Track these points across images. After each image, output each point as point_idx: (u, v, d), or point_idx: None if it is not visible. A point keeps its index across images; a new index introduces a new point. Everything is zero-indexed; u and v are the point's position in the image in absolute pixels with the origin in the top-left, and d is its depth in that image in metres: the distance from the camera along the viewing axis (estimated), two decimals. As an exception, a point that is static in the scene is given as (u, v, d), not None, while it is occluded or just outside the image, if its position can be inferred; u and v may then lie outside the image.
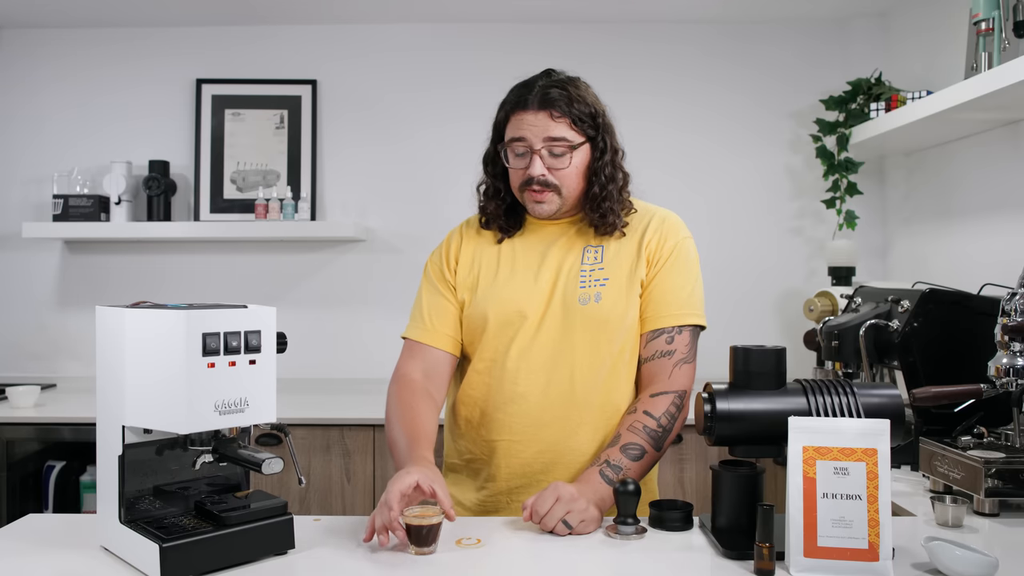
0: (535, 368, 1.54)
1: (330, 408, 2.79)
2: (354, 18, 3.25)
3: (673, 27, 3.28)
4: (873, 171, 3.18)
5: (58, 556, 1.27)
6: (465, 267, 1.63)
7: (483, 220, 1.66)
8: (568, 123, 1.53)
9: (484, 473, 1.59)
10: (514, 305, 1.55)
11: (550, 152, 1.53)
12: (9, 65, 3.32)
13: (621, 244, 1.59)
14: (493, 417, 1.56)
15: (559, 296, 1.55)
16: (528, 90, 1.54)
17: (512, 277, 1.59)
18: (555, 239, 1.62)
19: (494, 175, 1.62)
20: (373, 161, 3.30)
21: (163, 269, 3.30)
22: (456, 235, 1.69)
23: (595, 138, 1.57)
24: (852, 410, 1.29)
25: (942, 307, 1.90)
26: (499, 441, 1.56)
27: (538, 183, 1.54)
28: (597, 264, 1.57)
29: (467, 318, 1.61)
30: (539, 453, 1.55)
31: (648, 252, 1.58)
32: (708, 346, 3.11)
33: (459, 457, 1.64)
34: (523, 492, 1.55)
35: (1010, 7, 2.10)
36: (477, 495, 1.60)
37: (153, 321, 1.18)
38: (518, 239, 1.64)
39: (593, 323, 1.54)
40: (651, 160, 3.25)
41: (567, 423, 1.54)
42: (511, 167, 1.57)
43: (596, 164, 1.57)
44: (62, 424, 2.68)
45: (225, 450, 1.25)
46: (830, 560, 1.16)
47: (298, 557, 1.26)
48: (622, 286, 1.56)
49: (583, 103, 1.55)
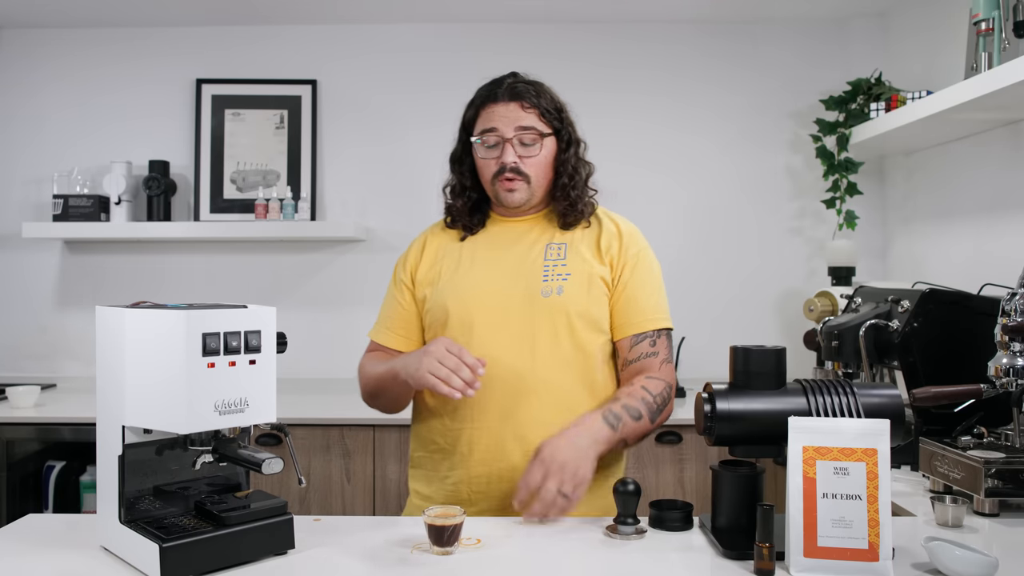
0: (499, 357, 1.56)
1: (330, 408, 2.79)
2: (354, 18, 3.25)
3: (672, 27, 3.28)
4: (873, 171, 3.18)
5: (58, 556, 1.27)
6: (428, 263, 1.69)
7: (448, 220, 1.72)
8: (537, 114, 1.62)
9: (449, 462, 1.61)
10: (474, 296, 1.59)
11: (521, 141, 1.60)
12: (9, 65, 3.32)
13: (583, 243, 1.64)
14: (457, 407, 1.59)
15: (521, 288, 1.59)
16: (497, 85, 1.64)
17: (472, 270, 1.63)
18: (519, 236, 1.66)
19: (461, 172, 1.69)
20: (373, 161, 3.30)
21: (163, 269, 3.30)
22: (420, 238, 1.76)
23: (560, 131, 1.65)
24: (852, 410, 1.29)
25: (942, 307, 1.90)
26: (463, 429, 1.59)
27: (510, 171, 1.60)
28: (560, 260, 1.62)
29: (429, 312, 1.65)
30: (501, 441, 1.56)
31: (610, 256, 1.63)
32: (708, 346, 3.15)
33: (424, 449, 1.66)
34: (484, 481, 1.58)
35: (1010, 7, 2.10)
36: (443, 485, 1.62)
37: (153, 321, 1.18)
38: (481, 236, 1.69)
39: (556, 314, 1.57)
40: (650, 160, 3.26)
41: (527, 411, 1.56)
42: (482, 158, 1.63)
43: (563, 156, 1.65)
44: (62, 424, 2.68)
45: (225, 450, 1.25)
46: (830, 560, 1.16)
47: (298, 557, 1.26)
48: (584, 282, 1.60)
49: (548, 98, 1.65)
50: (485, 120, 1.63)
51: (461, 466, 1.59)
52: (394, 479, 2.67)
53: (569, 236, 1.65)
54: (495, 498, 1.57)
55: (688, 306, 3.24)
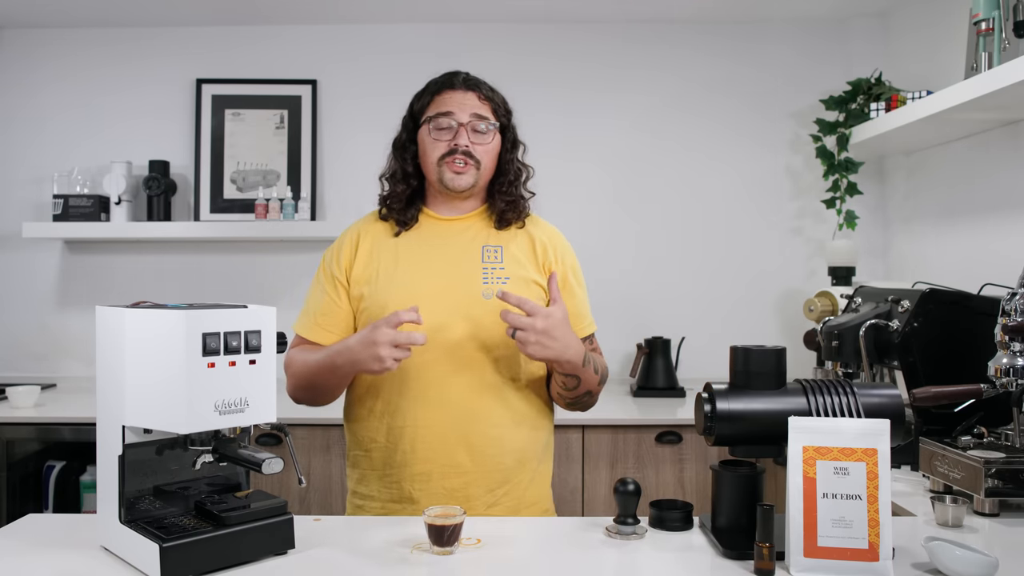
0: (439, 357, 1.57)
1: (330, 408, 2.76)
2: (354, 18, 3.25)
3: (672, 27, 3.28)
4: (873, 171, 3.18)
5: (58, 556, 1.27)
6: (363, 261, 1.67)
7: (382, 211, 1.72)
8: (491, 107, 1.67)
9: (389, 460, 1.60)
10: (414, 295, 1.58)
11: (474, 128, 1.64)
12: (9, 65, 3.32)
13: (519, 247, 1.67)
14: (398, 404, 1.59)
15: (462, 290, 1.60)
16: (454, 75, 1.68)
17: (411, 269, 1.63)
18: (453, 236, 1.67)
19: (404, 159, 1.70)
20: (373, 161, 3.27)
21: (163, 269, 3.30)
22: (352, 232, 1.73)
23: (507, 129, 1.70)
24: (852, 410, 1.29)
25: (942, 307, 1.90)
26: (405, 427, 1.58)
27: (462, 153, 1.62)
28: (497, 263, 1.64)
29: (366, 311, 1.63)
30: (444, 438, 1.57)
31: (546, 264, 1.68)
32: (708, 346, 3.15)
33: (360, 448, 1.65)
34: (426, 478, 1.58)
35: (1010, 7, 2.10)
36: (382, 483, 1.61)
37: (153, 321, 1.18)
38: (415, 234, 1.69)
39: (496, 315, 1.56)
40: (649, 160, 3.26)
41: (471, 409, 1.58)
42: (433, 139, 1.64)
43: (508, 155, 1.70)
44: (62, 424, 2.68)
45: (225, 450, 1.25)
46: (830, 560, 1.16)
47: (298, 557, 1.26)
48: (521, 285, 1.63)
49: (500, 97, 1.71)
50: (440, 104, 1.64)
51: (403, 464, 1.59)
52: (394, 479, 2.66)
53: (504, 238, 1.67)
54: (438, 494, 1.57)
55: (688, 306, 3.25)
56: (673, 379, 3.05)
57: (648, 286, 3.27)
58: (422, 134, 1.67)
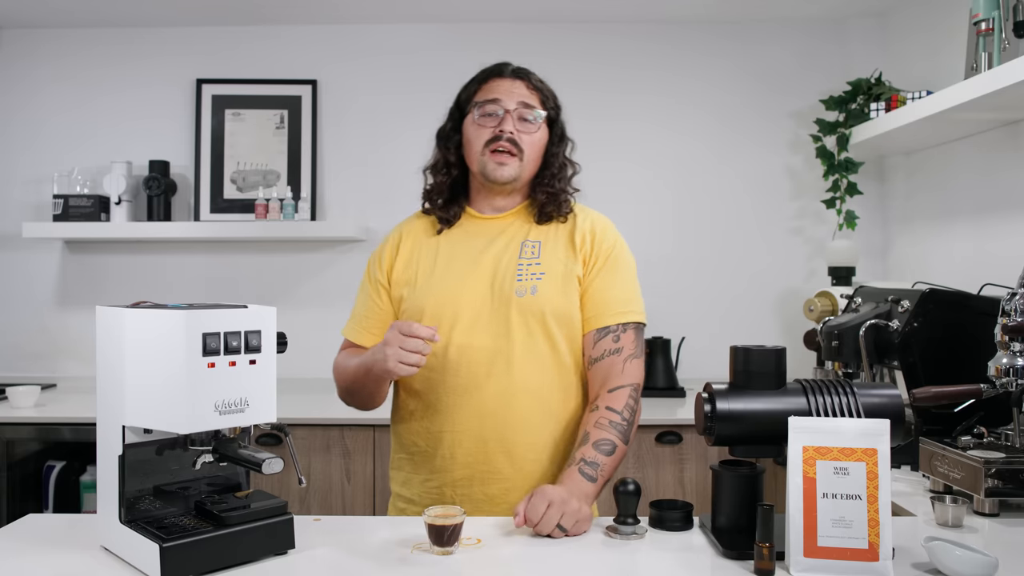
0: (475, 360, 1.56)
1: (330, 408, 2.77)
2: (354, 18, 3.25)
3: (672, 27, 3.27)
4: (873, 171, 3.18)
5: (58, 556, 1.27)
6: (403, 263, 1.67)
7: (425, 205, 1.71)
8: (539, 97, 1.64)
9: (430, 465, 1.60)
10: (451, 298, 1.58)
11: (521, 117, 1.61)
12: (9, 65, 3.32)
13: (557, 240, 1.63)
14: (436, 408, 1.58)
15: (496, 288, 1.58)
16: (503, 65, 1.66)
17: (449, 270, 1.61)
18: (494, 234, 1.64)
19: (447, 148, 1.68)
20: (373, 161, 3.30)
21: (163, 269, 3.30)
22: (394, 234, 1.73)
23: (555, 122, 1.67)
24: (852, 410, 1.29)
25: (942, 307, 1.90)
26: (444, 432, 1.57)
27: (507, 141, 1.58)
28: (534, 259, 1.60)
29: (405, 312, 1.63)
30: (481, 444, 1.56)
31: (583, 252, 1.62)
32: (708, 346, 3.15)
33: (404, 451, 1.65)
34: (467, 483, 1.57)
35: (1010, 7, 2.10)
36: (425, 487, 1.61)
37: (153, 321, 1.18)
38: (456, 232, 1.67)
39: (529, 314, 1.56)
40: (649, 160, 3.26)
41: (508, 413, 1.55)
42: (478, 125, 1.61)
43: (554, 148, 1.67)
44: (62, 424, 2.68)
45: (225, 450, 1.25)
46: (830, 560, 1.16)
47: (298, 557, 1.26)
48: (558, 280, 1.59)
49: (549, 89, 1.68)
50: (487, 92, 1.62)
51: (444, 469, 1.58)
52: (394, 479, 2.67)
53: (544, 233, 1.63)
54: (479, 500, 1.56)
55: (688, 306, 3.25)
56: (673, 379, 3.05)
57: (648, 286, 3.24)
58: (467, 123, 1.64)
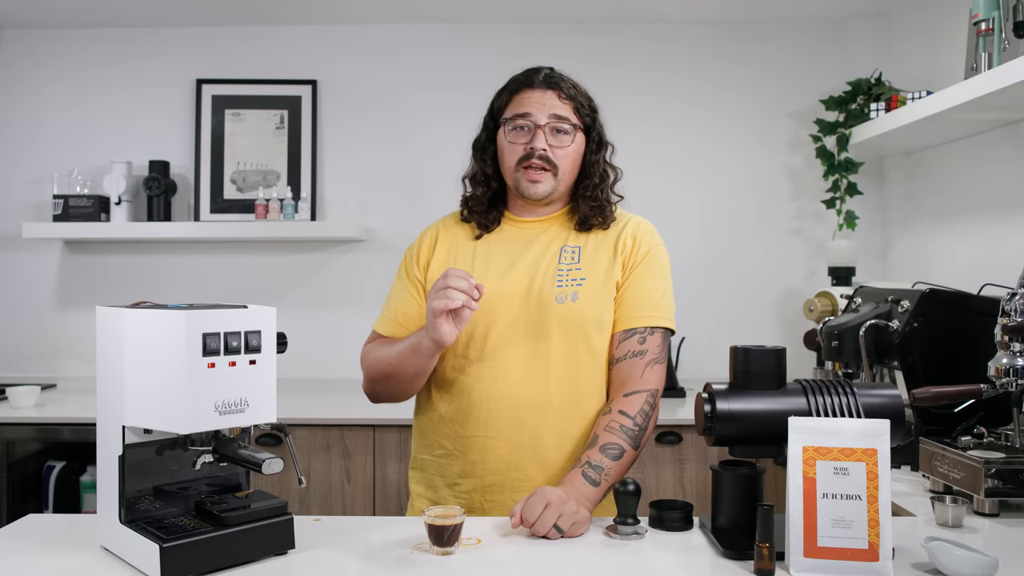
0: (511, 365, 1.53)
1: (330, 408, 2.79)
2: (354, 18, 3.25)
3: (673, 27, 3.28)
4: (873, 171, 3.18)
5: (58, 556, 1.27)
6: (440, 260, 1.63)
7: (464, 212, 1.67)
8: (572, 107, 1.59)
9: (457, 469, 1.58)
10: (488, 301, 1.53)
11: (553, 130, 1.56)
12: (9, 65, 3.32)
13: (598, 245, 1.60)
14: (469, 413, 1.55)
15: (535, 294, 1.55)
16: (535, 73, 1.61)
17: (487, 273, 1.58)
18: (533, 238, 1.62)
19: (483, 160, 1.64)
20: (373, 161, 3.30)
21: (163, 269, 3.30)
22: (432, 231, 1.69)
23: (592, 129, 1.63)
24: (852, 410, 1.29)
25: (942, 307, 1.90)
26: (475, 437, 1.55)
27: (539, 158, 1.55)
28: (574, 264, 1.57)
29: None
30: (514, 450, 1.54)
31: (623, 256, 1.59)
32: (708, 346, 3.15)
33: (430, 453, 1.62)
34: (497, 490, 1.55)
35: (1010, 7, 2.10)
36: (453, 491, 1.59)
37: (153, 321, 1.18)
38: (495, 236, 1.64)
39: (569, 322, 1.54)
40: (650, 161, 3.26)
41: (542, 421, 1.53)
42: (510, 142, 1.58)
43: (593, 156, 1.62)
44: (62, 424, 2.68)
45: (225, 450, 1.25)
46: (830, 560, 1.16)
47: (298, 557, 1.26)
48: (598, 287, 1.56)
49: (584, 94, 1.63)
50: (518, 105, 1.58)
51: (472, 474, 1.56)
52: (394, 479, 2.67)
53: (583, 238, 1.60)
54: (509, 507, 1.51)
55: (688, 306, 3.23)
56: (673, 379, 3.05)
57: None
58: (500, 136, 1.60)
